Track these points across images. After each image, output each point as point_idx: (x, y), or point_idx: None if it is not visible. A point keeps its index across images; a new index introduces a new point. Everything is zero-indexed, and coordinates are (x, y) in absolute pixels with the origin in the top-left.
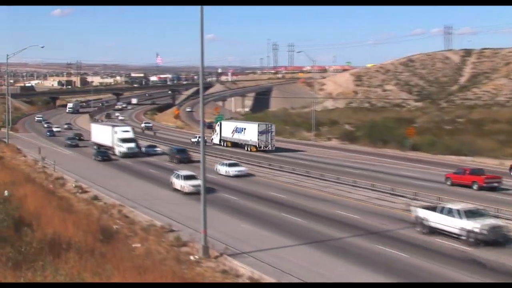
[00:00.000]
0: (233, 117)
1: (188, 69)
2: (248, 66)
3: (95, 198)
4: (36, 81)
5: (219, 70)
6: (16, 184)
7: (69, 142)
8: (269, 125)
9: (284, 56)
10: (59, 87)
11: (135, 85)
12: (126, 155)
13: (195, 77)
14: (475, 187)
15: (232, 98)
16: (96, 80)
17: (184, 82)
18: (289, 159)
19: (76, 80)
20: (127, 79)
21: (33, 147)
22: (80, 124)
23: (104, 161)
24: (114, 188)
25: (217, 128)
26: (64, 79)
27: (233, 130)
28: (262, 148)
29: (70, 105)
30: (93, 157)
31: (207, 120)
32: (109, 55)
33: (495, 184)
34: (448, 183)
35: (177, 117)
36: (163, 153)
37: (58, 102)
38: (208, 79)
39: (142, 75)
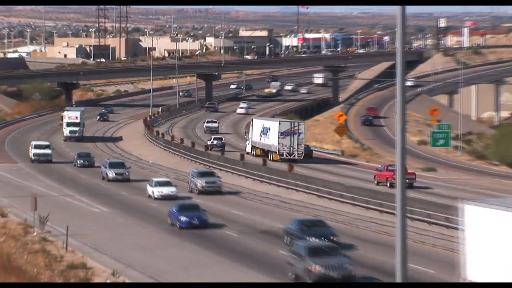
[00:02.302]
0: (472, 133)
1: (366, 20)
2: (507, 14)
3: None
4: (31, 48)
5: (441, 23)
6: None
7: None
8: (296, 124)
9: None
10: (81, 59)
11: (247, 57)
12: None
13: (385, 38)
14: (388, 183)
15: (472, 88)
16: (162, 44)
17: (361, 51)
18: None
19: (118, 45)
20: (233, 44)
21: (21, 195)
22: (131, 151)
23: None
24: None
25: (249, 130)
26: (89, 42)
27: (261, 132)
28: (284, 155)
29: (71, 115)
30: None
31: (414, 139)
32: None
33: (406, 181)
34: (375, 181)
35: (342, 130)
36: None
37: (76, 96)
38: (414, 45)
39: (264, 34)
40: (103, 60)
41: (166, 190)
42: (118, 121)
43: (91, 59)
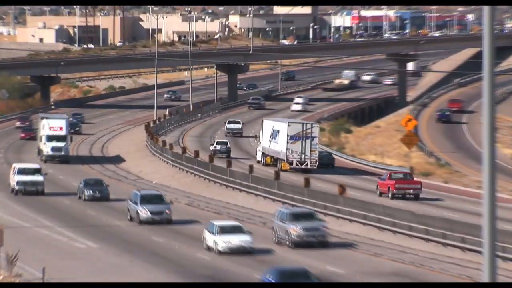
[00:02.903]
0: None
1: None
2: None
3: None
4: None
5: None
6: None
7: None
8: (308, 126)
9: None
10: (62, 45)
11: (284, 42)
12: None
13: (468, 16)
14: (390, 194)
15: None
16: (170, 25)
17: (436, 33)
18: None
19: (111, 26)
20: (265, 25)
21: None
22: (128, 167)
23: None
24: None
25: (260, 133)
26: (73, 22)
27: (270, 135)
28: (293, 164)
29: (53, 125)
30: None
31: (508, 152)
32: None
33: (411, 191)
34: (378, 192)
35: (411, 139)
36: None
37: (55, 94)
38: (507, 25)
39: (307, 11)
40: (91, 46)
41: (236, 240)
42: (97, 133)
43: (76, 45)
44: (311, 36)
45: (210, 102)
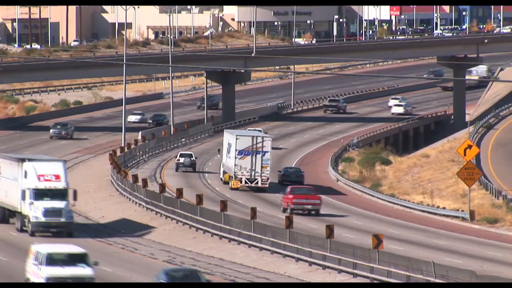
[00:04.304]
0: None
1: None
2: None
3: None
4: None
5: None
6: None
7: None
8: (259, 139)
9: None
10: None
11: (299, 41)
12: None
13: None
14: (289, 210)
15: None
16: (143, 18)
17: (506, 29)
18: None
19: (63, 19)
20: (273, 18)
21: None
22: (86, 210)
23: None
24: None
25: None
26: (12, 14)
27: (227, 150)
28: (243, 182)
29: (44, 171)
30: None
31: None
32: None
33: (309, 206)
34: (281, 208)
35: (472, 173)
36: None
37: None
38: None
39: None
40: (36, 46)
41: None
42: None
43: (15, 45)
44: (335, 33)
45: (198, 122)
